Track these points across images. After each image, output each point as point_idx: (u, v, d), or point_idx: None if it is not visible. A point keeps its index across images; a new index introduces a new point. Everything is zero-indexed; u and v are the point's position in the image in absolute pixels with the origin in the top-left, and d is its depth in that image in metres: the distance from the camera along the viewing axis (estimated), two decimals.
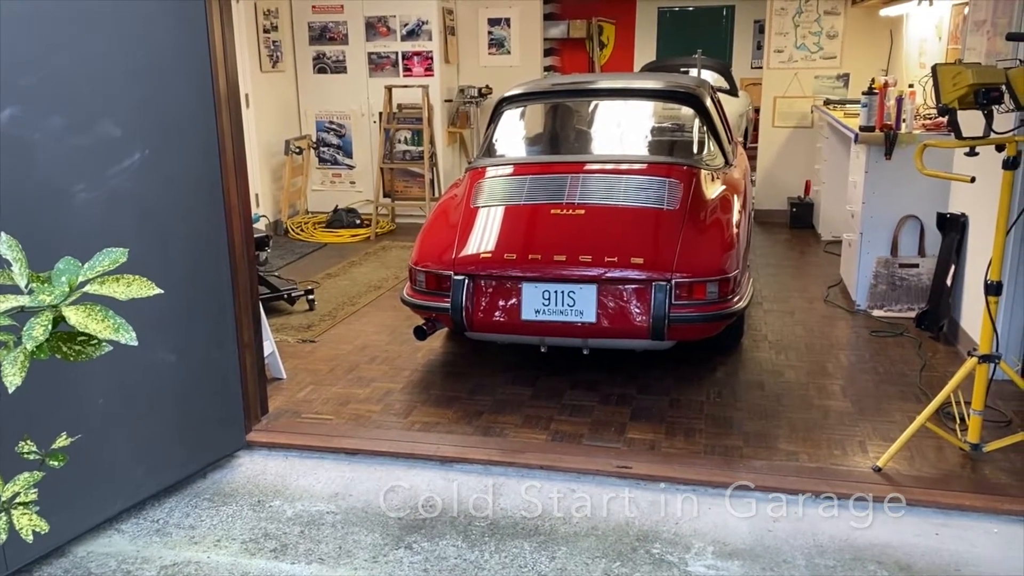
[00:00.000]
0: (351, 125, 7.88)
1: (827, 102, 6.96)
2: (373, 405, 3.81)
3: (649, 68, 11.33)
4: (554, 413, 3.70)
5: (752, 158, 8.53)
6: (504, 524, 2.89)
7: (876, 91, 4.93)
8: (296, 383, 4.06)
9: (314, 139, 7.90)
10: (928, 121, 5.00)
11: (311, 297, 5.22)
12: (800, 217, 7.38)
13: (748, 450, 3.34)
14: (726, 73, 10.55)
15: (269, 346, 3.95)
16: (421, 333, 3.89)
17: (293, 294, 5.15)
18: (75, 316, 1.33)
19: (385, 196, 7.64)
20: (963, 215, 4.42)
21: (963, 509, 2.90)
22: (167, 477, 3.11)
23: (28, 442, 1.59)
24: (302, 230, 7.41)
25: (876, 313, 4.95)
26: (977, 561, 2.65)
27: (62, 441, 1.60)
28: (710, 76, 10.17)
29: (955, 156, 4.43)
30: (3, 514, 1.49)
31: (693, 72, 9.14)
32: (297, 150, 7.49)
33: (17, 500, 1.52)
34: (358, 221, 7.54)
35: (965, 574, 2.59)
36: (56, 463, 1.58)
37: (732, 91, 10.43)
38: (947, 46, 5.43)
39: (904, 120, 4.84)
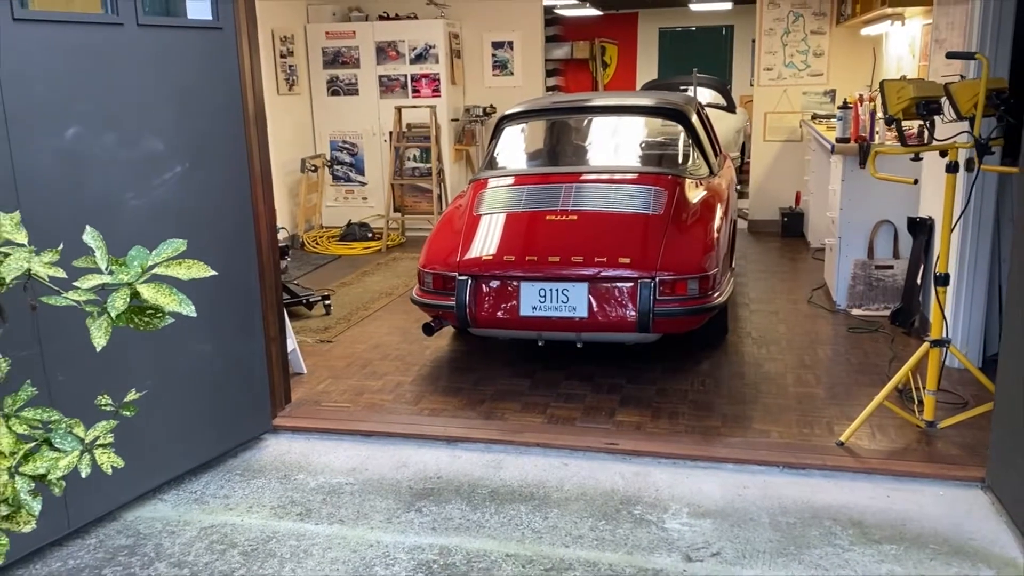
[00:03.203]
0: (363, 144, 8.31)
1: (814, 117, 7.33)
2: (386, 395, 4.18)
3: (650, 86, 11.78)
4: (550, 400, 4.06)
5: (746, 171, 8.92)
6: (503, 492, 3.24)
7: (851, 106, 5.30)
8: (315, 377, 4.44)
9: (328, 158, 8.33)
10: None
11: (328, 303, 5.61)
12: (791, 226, 7.73)
13: (725, 429, 3.69)
14: (723, 90, 10.96)
15: (291, 343, 4.32)
16: (429, 329, 4.26)
17: (311, 299, 5.54)
18: (147, 292, 1.72)
19: (395, 210, 8.04)
20: (930, 218, 4.76)
21: (914, 476, 3.24)
22: (202, 455, 3.48)
23: (105, 396, 1.98)
24: (317, 243, 7.82)
25: (855, 312, 5.30)
26: (922, 518, 2.99)
27: (132, 395, 1.98)
28: (708, 93, 10.60)
29: (927, 163, 4.76)
30: (87, 454, 1.84)
31: (692, 90, 9.55)
32: (312, 168, 7.92)
33: (98, 442, 1.88)
34: (370, 234, 7.94)
35: (910, 528, 2.92)
36: (128, 413, 1.95)
37: (729, 107, 10.84)
38: (919, 63, 5.80)
39: (877, 132, 5.21)
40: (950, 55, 3.35)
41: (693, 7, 12.78)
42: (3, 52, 2.59)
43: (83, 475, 1.80)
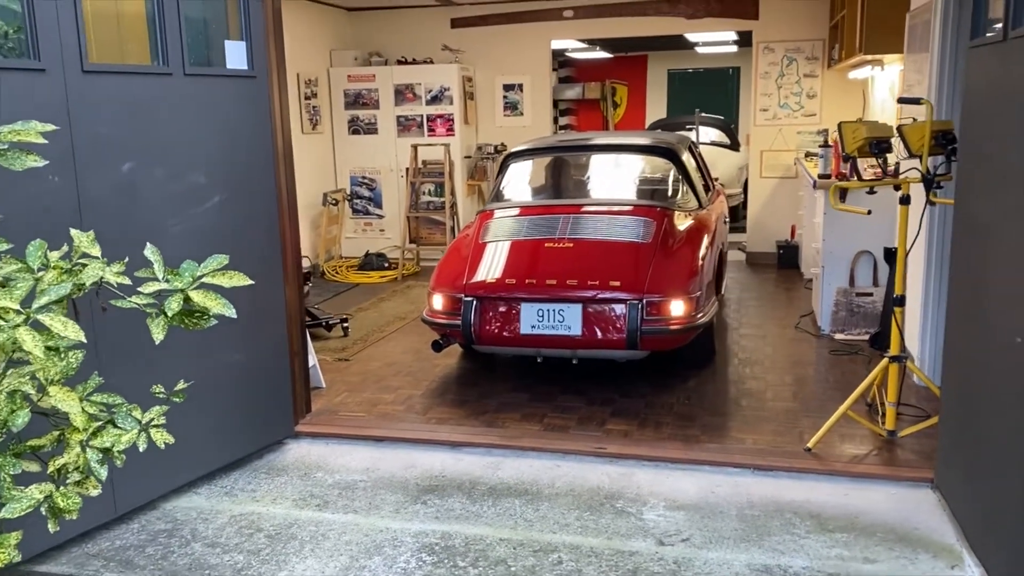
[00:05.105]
0: (381, 179, 8.81)
1: (807, 155, 7.73)
2: (397, 406, 4.58)
3: (657, 126, 12.26)
4: (547, 411, 4.44)
5: (745, 207, 9.30)
6: (501, 488, 3.62)
7: (831, 144, 5.70)
8: (333, 391, 4.84)
9: (348, 192, 8.83)
10: (879, 170, 5.74)
11: (346, 325, 6.03)
12: (787, 258, 8.10)
13: (705, 437, 4.04)
14: (726, 129, 11.42)
15: (312, 359, 4.73)
16: (437, 346, 4.67)
17: (330, 322, 5.96)
18: (197, 296, 2.14)
19: (411, 242, 8.50)
20: None
21: (871, 477, 3.58)
22: (232, 454, 3.88)
23: (159, 387, 2.39)
24: (337, 272, 8.27)
25: (838, 336, 5.65)
26: (874, 512, 3.33)
27: (181, 385, 2.38)
28: (714, 132, 11.05)
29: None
30: (143, 432, 2.23)
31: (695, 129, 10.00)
32: (333, 202, 8.40)
33: (153, 423, 2.27)
34: (386, 264, 8.39)
35: (862, 520, 3.26)
36: (178, 399, 2.35)
37: (733, 146, 11.28)
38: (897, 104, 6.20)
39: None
40: (900, 100, 3.76)
41: (700, 50, 13.30)
42: (75, 98, 3.06)
43: (140, 449, 2.17)
